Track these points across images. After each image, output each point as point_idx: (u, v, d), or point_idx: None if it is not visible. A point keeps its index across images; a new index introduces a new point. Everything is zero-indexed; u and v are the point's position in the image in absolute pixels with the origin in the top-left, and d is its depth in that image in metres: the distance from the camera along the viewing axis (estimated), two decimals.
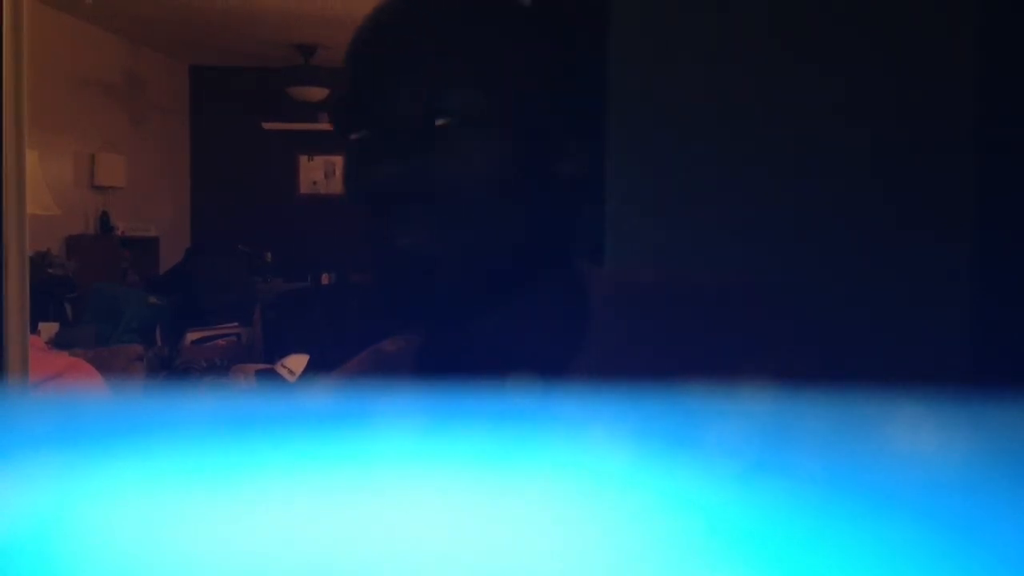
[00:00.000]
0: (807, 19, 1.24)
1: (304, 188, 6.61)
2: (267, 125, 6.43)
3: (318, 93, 6.02)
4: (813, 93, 1.24)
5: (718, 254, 1.25)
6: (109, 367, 3.43)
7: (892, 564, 0.12)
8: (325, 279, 6.25)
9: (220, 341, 4.55)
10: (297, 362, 3.96)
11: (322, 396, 0.18)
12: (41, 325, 3.74)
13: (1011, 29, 1.18)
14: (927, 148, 1.22)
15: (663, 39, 1.26)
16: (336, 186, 6.53)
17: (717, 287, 0.68)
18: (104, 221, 5.39)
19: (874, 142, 1.23)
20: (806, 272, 1.24)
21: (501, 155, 0.58)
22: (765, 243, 1.26)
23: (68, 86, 5.06)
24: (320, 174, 6.60)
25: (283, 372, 3.89)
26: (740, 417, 0.16)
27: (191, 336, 4.51)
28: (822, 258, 1.24)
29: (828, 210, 1.24)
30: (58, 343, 3.55)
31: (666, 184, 1.26)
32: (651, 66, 1.25)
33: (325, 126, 6.38)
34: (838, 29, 1.24)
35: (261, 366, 4.06)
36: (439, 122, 0.57)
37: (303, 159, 6.58)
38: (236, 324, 4.73)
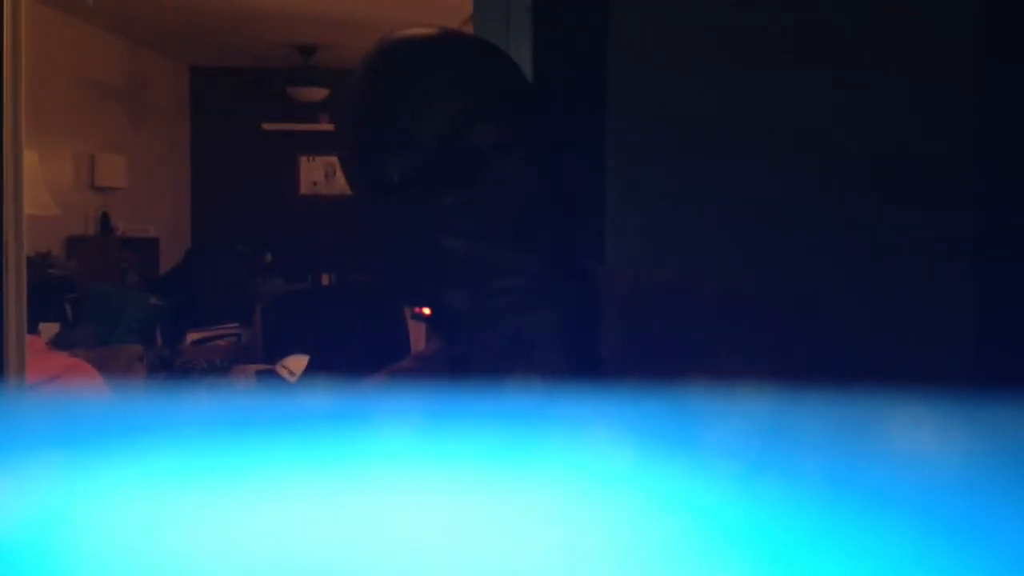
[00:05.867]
0: (809, 20, 1.24)
1: (304, 188, 6.60)
2: (267, 125, 6.43)
3: (318, 93, 6.02)
4: (815, 94, 1.24)
5: (718, 254, 1.25)
6: (109, 368, 3.43)
7: (892, 565, 0.12)
8: (325, 280, 6.24)
9: (220, 342, 4.55)
10: (297, 363, 3.96)
11: (322, 397, 0.18)
12: (41, 325, 3.74)
13: (1013, 29, 1.18)
14: (930, 150, 1.22)
15: (664, 42, 1.26)
16: (336, 187, 6.52)
17: (722, 288, 0.70)
18: (104, 222, 5.38)
19: (877, 143, 1.23)
20: (807, 273, 1.24)
21: (528, 177, 0.64)
22: (765, 245, 1.26)
23: (69, 87, 5.05)
24: (320, 174, 6.59)
25: (283, 373, 3.89)
26: (740, 418, 0.16)
27: (191, 337, 4.51)
28: (823, 259, 1.24)
29: (829, 211, 1.24)
30: (58, 344, 3.55)
31: (664, 185, 1.26)
32: (652, 69, 1.25)
33: (326, 126, 6.37)
34: (841, 30, 1.24)
35: (261, 367, 4.06)
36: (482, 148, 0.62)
37: (303, 159, 6.57)
38: (236, 325, 4.73)
